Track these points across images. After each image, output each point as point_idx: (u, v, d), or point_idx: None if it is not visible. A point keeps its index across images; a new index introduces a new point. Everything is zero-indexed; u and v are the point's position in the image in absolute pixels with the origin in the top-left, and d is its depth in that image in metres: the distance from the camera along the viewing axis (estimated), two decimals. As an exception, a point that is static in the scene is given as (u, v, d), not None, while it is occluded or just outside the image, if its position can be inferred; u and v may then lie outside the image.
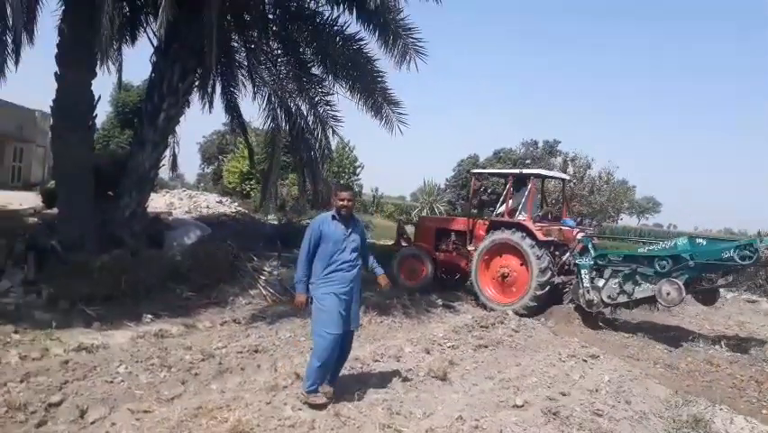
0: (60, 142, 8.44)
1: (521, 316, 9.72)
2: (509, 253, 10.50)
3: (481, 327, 8.67)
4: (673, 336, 9.42)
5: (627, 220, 61.17)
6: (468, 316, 9.49)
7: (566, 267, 10.47)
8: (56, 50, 8.23)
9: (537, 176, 11.47)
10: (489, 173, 13.72)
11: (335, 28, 10.55)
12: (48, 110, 8.81)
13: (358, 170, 30.76)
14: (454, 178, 42.12)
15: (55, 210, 9.23)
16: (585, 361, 7.12)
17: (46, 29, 9.21)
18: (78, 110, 8.35)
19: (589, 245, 9.78)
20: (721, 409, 5.79)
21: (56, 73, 8.22)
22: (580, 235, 10.43)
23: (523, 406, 5.22)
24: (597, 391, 5.90)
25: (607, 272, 9.37)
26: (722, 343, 9.12)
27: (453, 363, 6.54)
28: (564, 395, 5.63)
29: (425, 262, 11.67)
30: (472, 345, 7.54)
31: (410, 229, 13.33)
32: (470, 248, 11.33)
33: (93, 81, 8.59)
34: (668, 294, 8.46)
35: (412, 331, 8.12)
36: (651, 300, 9.11)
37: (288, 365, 5.85)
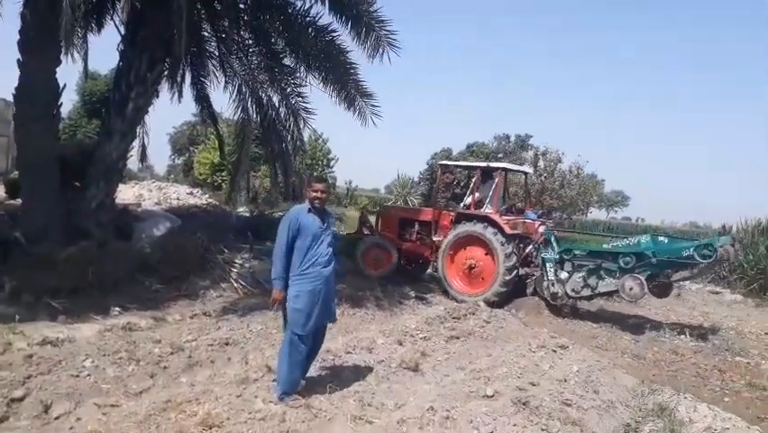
0: (24, 131, 8.20)
1: (488, 305, 9.94)
2: (474, 244, 10.67)
3: (453, 318, 8.73)
4: (640, 327, 9.63)
5: (597, 213, 62.09)
6: (440, 307, 9.55)
7: (529, 259, 10.75)
8: (18, 37, 7.97)
9: (504, 170, 11.59)
10: (455, 165, 13.78)
11: (308, 19, 10.42)
12: (11, 99, 8.55)
13: (332, 163, 30.64)
14: (428, 171, 42.25)
15: (19, 201, 8.98)
16: (554, 351, 7.22)
17: (8, 14, 8.96)
18: (42, 98, 8.11)
19: (552, 238, 10.08)
20: (685, 398, 5.94)
21: (18, 60, 7.96)
22: (542, 229, 10.67)
23: (493, 396, 5.27)
24: (566, 380, 5.98)
25: (571, 266, 9.65)
26: (687, 333, 9.36)
27: (425, 355, 6.58)
28: (534, 385, 5.70)
29: (390, 251, 11.71)
30: (444, 336, 7.60)
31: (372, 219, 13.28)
32: (435, 238, 11.43)
33: (58, 69, 8.35)
34: (631, 289, 8.85)
35: (385, 323, 8.14)
36: (614, 294, 9.52)
37: (260, 358, 5.82)
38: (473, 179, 11.61)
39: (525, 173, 13.55)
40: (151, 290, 8.17)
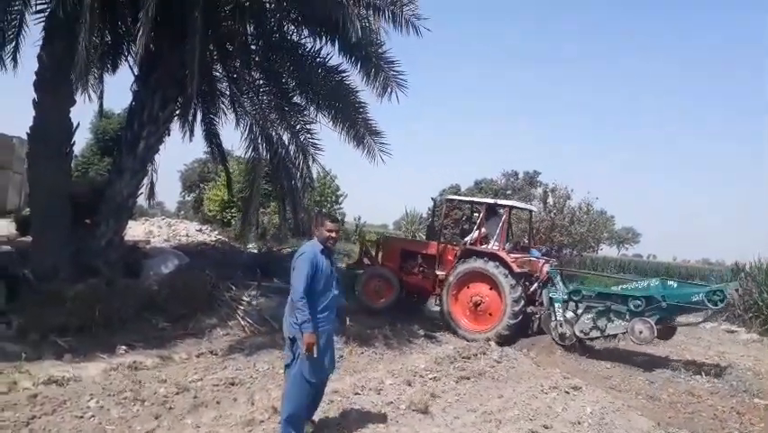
0: (36, 169, 8.31)
1: (498, 341, 9.93)
2: (478, 280, 10.65)
3: (463, 357, 8.60)
4: (654, 367, 9.42)
5: (608, 250, 61.55)
6: (450, 346, 9.42)
7: (534, 297, 10.63)
8: (34, 77, 8.15)
9: (510, 207, 11.70)
10: (461, 200, 13.78)
11: (318, 60, 10.63)
12: (25, 137, 8.68)
13: (341, 199, 30.70)
14: (438, 210, 42.29)
15: (29, 238, 9.03)
16: (567, 392, 7.07)
17: (25, 54, 9.28)
18: (56, 137, 8.23)
19: (557, 278, 10.12)
20: (703, 442, 5.76)
21: (34, 100, 8.13)
22: (546, 268, 10.68)
23: (505, 440, 5.14)
24: (579, 423, 5.84)
25: (580, 307, 9.62)
26: (703, 373, 9.14)
27: (435, 396, 6.45)
28: (546, 428, 5.57)
29: (392, 281, 11.61)
30: (454, 376, 7.46)
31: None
32: (438, 273, 11.33)
33: (73, 109, 8.51)
34: (641, 333, 8.92)
35: (393, 362, 8.02)
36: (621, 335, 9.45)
37: (266, 399, 5.72)
38: (479, 216, 11.62)
39: (531, 211, 13.49)
40: (158, 328, 8.13)
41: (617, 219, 57.39)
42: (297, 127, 11.35)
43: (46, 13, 8.38)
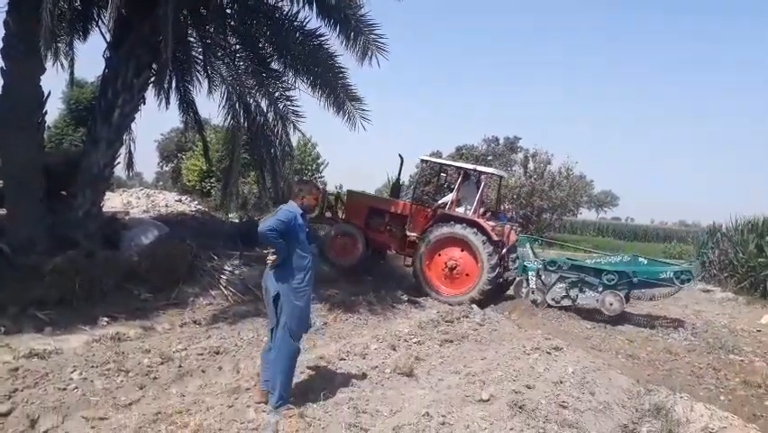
0: (7, 140, 8.04)
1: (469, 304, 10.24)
2: (452, 244, 10.84)
3: (446, 321, 8.70)
4: (633, 327, 9.63)
5: (587, 214, 62.33)
6: (433, 311, 9.51)
7: (503, 262, 10.98)
8: (1, 44, 7.85)
9: (484, 173, 11.75)
10: (436, 162, 13.65)
11: (295, 23, 10.35)
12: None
13: (321, 168, 30.48)
14: (418, 174, 42.17)
15: (3, 211, 8.83)
16: (549, 353, 7.19)
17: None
18: (26, 107, 7.97)
19: (527, 245, 10.86)
20: (681, 397, 5.93)
21: (1, 68, 7.84)
22: (513, 234, 11.28)
23: (489, 400, 5.22)
24: (561, 382, 5.95)
25: (553, 277, 10.20)
26: (680, 331, 9.37)
27: (419, 359, 6.53)
28: (530, 388, 5.66)
29: (358, 239, 11.60)
30: (438, 340, 7.56)
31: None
32: (410, 233, 11.38)
33: (44, 77, 8.23)
34: (611, 304, 9.61)
35: (377, 328, 8.09)
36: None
37: (251, 366, 5.74)
38: (456, 180, 11.65)
39: (501, 177, 13.31)
40: (140, 298, 8.05)
41: (596, 183, 58.01)
42: (276, 94, 11.11)
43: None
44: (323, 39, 10.35)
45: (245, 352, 6.39)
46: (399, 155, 12.47)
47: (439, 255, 10.95)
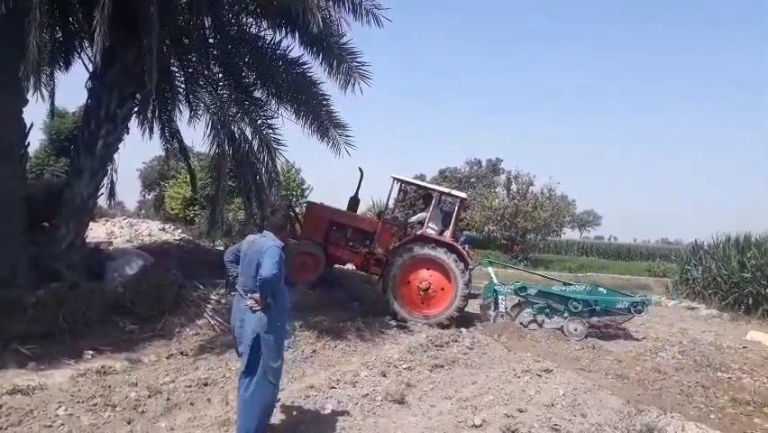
0: (-11, 172, 7.97)
1: (440, 327, 10.33)
2: (423, 265, 10.89)
3: (436, 346, 8.66)
4: (621, 347, 9.68)
5: (570, 234, 62.82)
6: (422, 335, 9.47)
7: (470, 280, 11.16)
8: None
9: (441, 193, 12.06)
10: (409, 182, 13.67)
11: (278, 52, 10.46)
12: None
13: (306, 193, 30.48)
14: (405, 197, 42.29)
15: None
16: (539, 375, 7.19)
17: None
18: (8, 139, 7.89)
19: (490, 269, 11.84)
20: (672, 417, 5.94)
21: (-18, 101, 7.79)
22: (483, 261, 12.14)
23: (481, 425, 5.21)
24: (553, 405, 5.95)
25: (521, 302, 10.96)
26: (667, 350, 9.43)
27: (410, 386, 6.49)
28: (521, 411, 5.65)
29: (318, 257, 11.31)
30: (428, 365, 7.52)
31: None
32: (377, 250, 11.34)
33: (25, 108, 8.19)
34: (575, 329, 10.46)
35: (367, 354, 8.02)
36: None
37: (241, 397, 5.64)
38: (432, 201, 11.72)
39: (461, 198, 12.64)
40: (126, 330, 7.92)
41: (579, 203, 58.59)
42: (259, 122, 11.14)
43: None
44: (306, 67, 10.51)
45: (234, 383, 6.26)
46: (359, 168, 12.27)
47: (411, 276, 10.93)
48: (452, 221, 11.39)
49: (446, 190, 12.41)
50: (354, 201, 12.41)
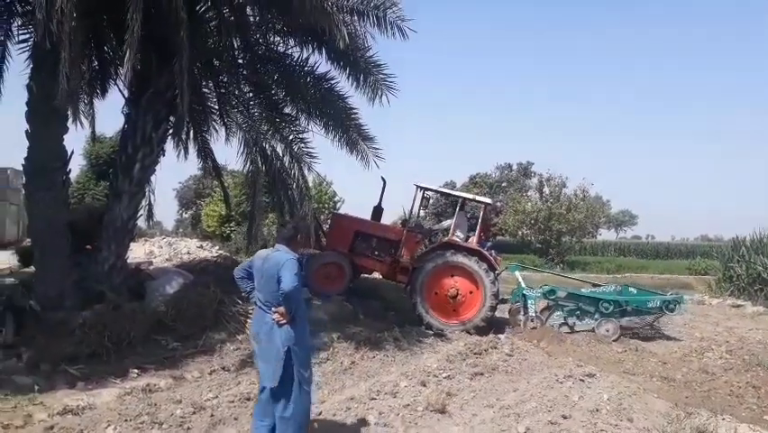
0: (34, 200, 8.27)
1: (479, 333, 10.35)
2: (449, 272, 10.89)
3: (475, 354, 8.59)
4: (665, 348, 9.46)
5: (606, 235, 61.82)
6: (460, 343, 9.41)
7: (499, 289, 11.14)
8: (25, 108, 8.12)
9: (465, 199, 12.05)
10: (433, 190, 13.60)
11: (306, 68, 10.65)
12: (20, 168, 8.65)
13: (338, 205, 30.71)
14: (433, 206, 42.23)
15: (32, 269, 9.00)
16: (582, 380, 7.08)
17: (14, 86, 9.26)
18: (51, 167, 8.19)
19: (518, 273, 11.67)
20: (723, 419, 5.78)
21: (26, 131, 8.09)
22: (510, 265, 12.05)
23: (526, 433, 5.14)
24: (598, 410, 5.85)
25: (552, 306, 10.88)
26: (714, 350, 9.18)
27: (451, 395, 6.45)
28: (566, 418, 5.57)
29: (343, 267, 11.34)
30: (468, 373, 7.46)
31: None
32: (402, 259, 11.31)
33: (66, 136, 8.49)
34: (608, 330, 10.36)
35: (406, 364, 8.02)
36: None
37: (283, 411, 5.70)
38: (456, 208, 11.75)
39: (486, 204, 12.75)
40: (168, 348, 8.10)
41: (613, 203, 57.62)
42: (290, 138, 11.34)
43: (30, 43, 8.38)
44: (333, 81, 10.67)
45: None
46: (382, 178, 12.30)
47: (439, 283, 10.93)
48: (478, 226, 11.34)
49: (470, 196, 12.45)
50: (378, 210, 12.49)
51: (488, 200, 12.31)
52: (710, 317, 13.46)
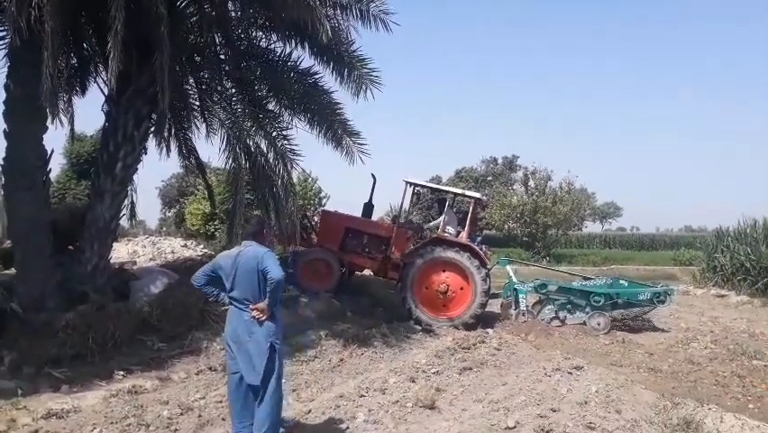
0: (14, 200, 8.10)
1: (467, 328, 10.28)
2: (440, 268, 10.88)
3: (463, 348, 8.61)
4: (652, 339, 9.53)
5: (592, 227, 62.26)
6: (448, 338, 9.42)
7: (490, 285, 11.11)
8: (2, 107, 7.96)
9: (471, 197, 12.05)
10: (422, 185, 13.56)
11: (289, 64, 10.54)
12: (-1, 169, 8.48)
13: (324, 201, 30.58)
14: (420, 200, 42.15)
15: (12, 271, 8.83)
16: (570, 373, 7.11)
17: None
18: (31, 166, 8.03)
19: (508, 267, 11.87)
20: (710, 409, 5.82)
21: (4, 130, 7.93)
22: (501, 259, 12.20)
23: (515, 427, 5.16)
24: (586, 403, 5.87)
25: (542, 299, 10.98)
26: (699, 340, 9.27)
27: (440, 390, 6.45)
28: (555, 411, 5.58)
29: (330, 262, 11.36)
30: (456, 368, 7.47)
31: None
32: (393, 256, 11.32)
33: (45, 135, 8.33)
34: (599, 324, 10.44)
35: (394, 360, 8.00)
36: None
37: (271, 411, 5.65)
38: (446, 204, 11.75)
39: (475, 198, 12.66)
40: (154, 349, 8.00)
41: (598, 195, 58.07)
42: (274, 134, 11.21)
43: (6, 41, 8.20)
44: (317, 77, 10.57)
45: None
46: (372, 175, 12.32)
47: (429, 279, 10.94)
48: (468, 221, 11.36)
49: (459, 192, 12.45)
50: (368, 207, 12.44)
51: (477, 195, 12.31)
52: (695, 307, 13.60)
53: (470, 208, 11.81)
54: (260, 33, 10.63)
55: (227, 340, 4.65)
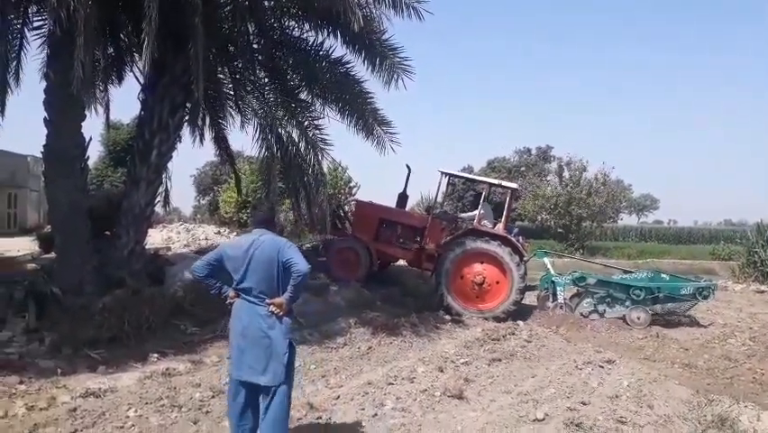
0: (54, 187, 8.36)
1: (496, 321, 10.14)
2: (475, 259, 10.77)
3: (492, 339, 8.56)
4: (687, 334, 9.33)
5: (627, 219, 61.14)
6: (477, 329, 9.38)
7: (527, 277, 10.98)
8: (43, 96, 8.17)
9: (491, 185, 12.19)
10: (458, 176, 13.43)
11: (321, 53, 10.57)
12: (39, 155, 8.73)
13: (354, 190, 30.66)
14: (451, 190, 41.92)
15: (53, 255, 9.11)
16: (602, 367, 7.01)
17: (33, 73, 9.29)
18: (70, 154, 8.26)
19: (546, 259, 11.63)
20: (746, 407, 5.68)
21: (45, 119, 8.16)
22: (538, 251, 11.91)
23: (544, 419, 5.11)
24: (617, 397, 5.79)
25: (581, 292, 10.73)
26: (737, 336, 9.04)
27: (469, 380, 6.43)
28: (585, 404, 5.52)
29: (361, 254, 11.35)
30: (485, 359, 7.43)
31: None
32: (427, 246, 11.24)
33: (83, 123, 8.54)
34: (638, 318, 10.11)
35: (423, 350, 8.00)
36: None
37: (300, 396, 5.72)
38: (483, 195, 11.65)
39: (513, 189, 12.61)
40: (187, 333, 8.17)
41: (635, 187, 56.83)
42: (306, 123, 11.29)
43: (45, 30, 8.41)
44: (349, 66, 10.58)
45: (293, 381, 6.38)
46: (407, 165, 12.31)
47: (465, 269, 10.85)
48: (504, 212, 11.25)
49: (496, 182, 12.32)
50: (403, 198, 12.42)
51: (515, 185, 12.15)
52: (733, 302, 13.25)
53: (507, 199, 11.65)
54: (293, 23, 10.67)
55: (234, 338, 4.24)
